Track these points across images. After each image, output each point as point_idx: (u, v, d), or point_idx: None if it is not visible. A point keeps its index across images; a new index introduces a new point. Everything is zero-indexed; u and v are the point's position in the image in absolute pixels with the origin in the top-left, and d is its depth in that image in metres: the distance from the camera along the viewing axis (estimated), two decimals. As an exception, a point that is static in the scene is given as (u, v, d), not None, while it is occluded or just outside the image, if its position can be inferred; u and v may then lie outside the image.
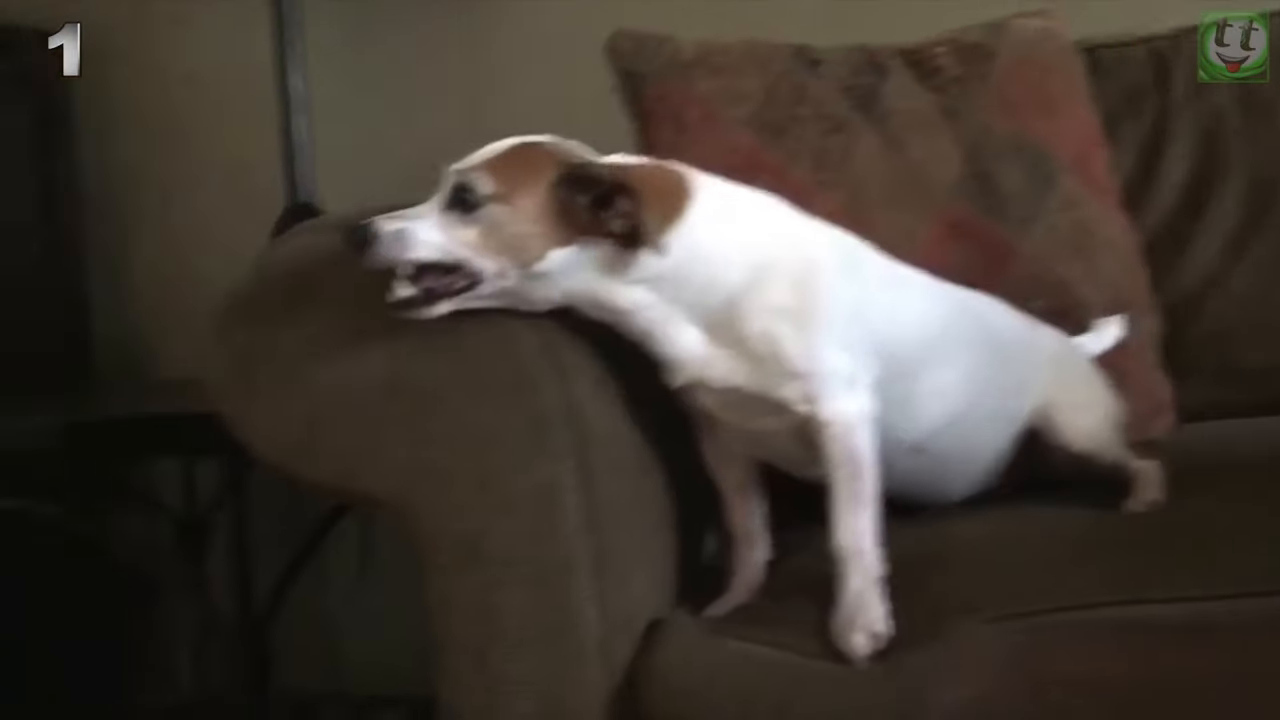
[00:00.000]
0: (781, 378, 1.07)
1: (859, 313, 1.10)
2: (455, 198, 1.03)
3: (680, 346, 1.08)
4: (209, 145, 2.26)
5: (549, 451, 1.08)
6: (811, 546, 1.20)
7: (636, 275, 1.05)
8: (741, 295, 1.07)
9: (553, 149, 1.06)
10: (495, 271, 1.03)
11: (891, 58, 1.50)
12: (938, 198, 1.44)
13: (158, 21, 2.28)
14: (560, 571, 1.08)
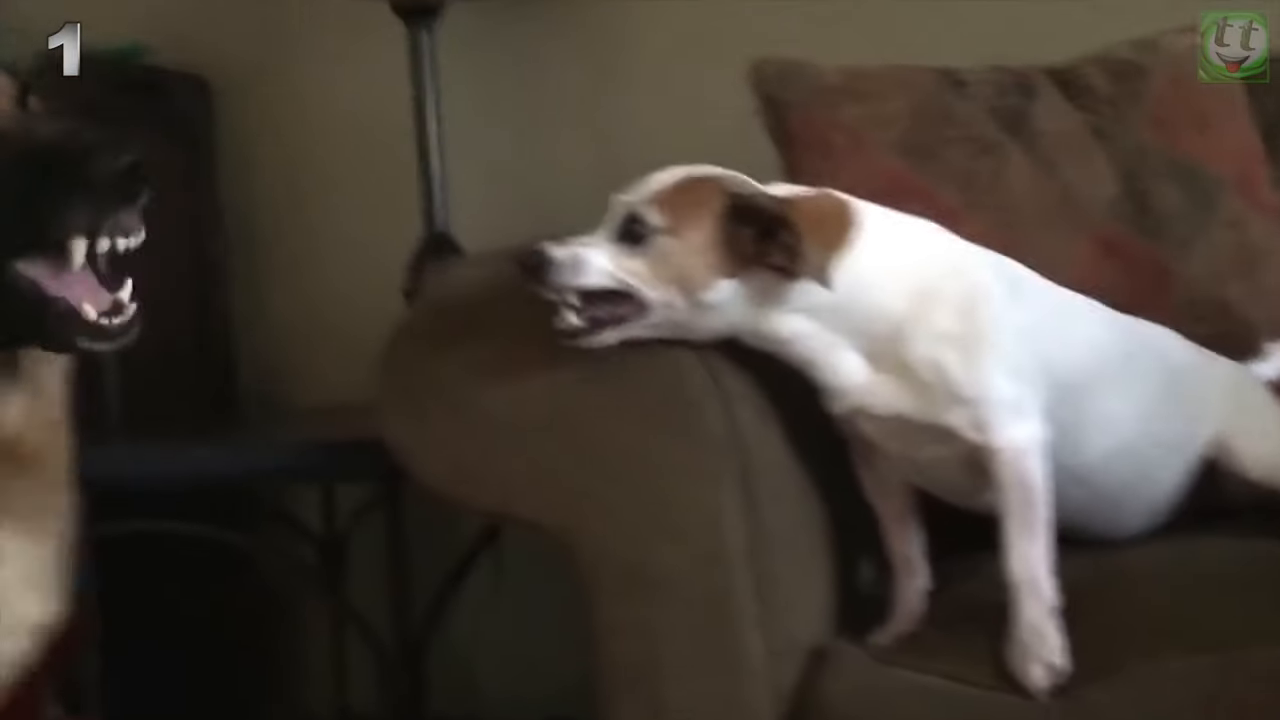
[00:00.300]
0: (948, 404, 1.07)
1: (1025, 338, 1.10)
2: (625, 228, 1.05)
3: (842, 374, 1.08)
4: (348, 178, 2.32)
5: (713, 478, 1.09)
6: (973, 575, 1.20)
7: (798, 304, 1.06)
8: (906, 322, 1.07)
9: (720, 181, 1.07)
10: (663, 302, 1.05)
11: (1039, 78, 1.48)
12: (1092, 219, 1.41)
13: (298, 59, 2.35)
14: (724, 597, 1.09)
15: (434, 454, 1.18)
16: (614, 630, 1.11)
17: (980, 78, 1.48)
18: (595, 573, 1.12)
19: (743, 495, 1.10)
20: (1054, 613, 1.03)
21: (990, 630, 1.06)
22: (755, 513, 1.10)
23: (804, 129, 1.45)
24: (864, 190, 1.36)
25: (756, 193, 1.07)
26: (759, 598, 1.09)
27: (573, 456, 1.10)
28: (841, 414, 1.12)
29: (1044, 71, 1.50)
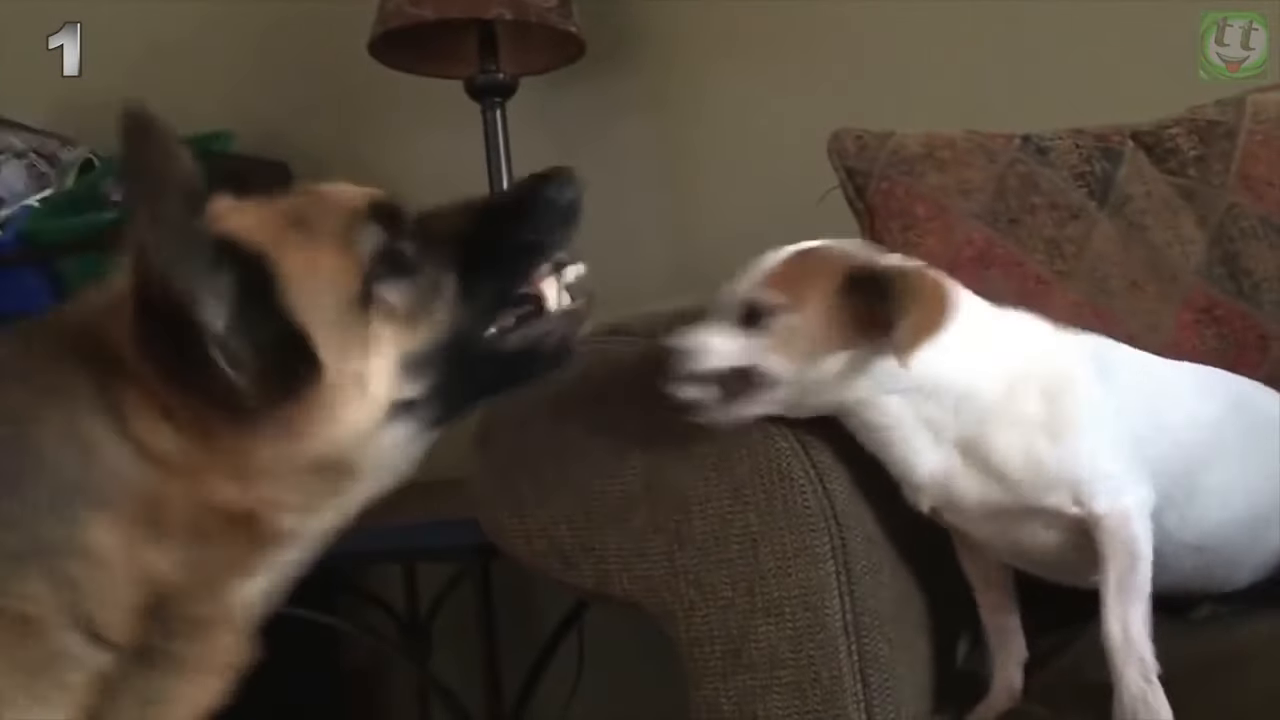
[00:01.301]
0: (1045, 489, 1.05)
1: (1119, 416, 1.09)
2: (742, 314, 1.05)
3: (925, 469, 1.08)
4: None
5: (810, 553, 1.08)
6: (1071, 649, 1.18)
7: (899, 384, 1.05)
8: (993, 410, 1.06)
9: (831, 250, 1.08)
10: (788, 375, 1.04)
11: (1123, 141, 1.47)
12: (1183, 283, 1.39)
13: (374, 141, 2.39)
14: (826, 676, 1.07)
15: (528, 534, 1.17)
16: (714, 708, 1.10)
17: (1063, 143, 1.47)
18: (694, 651, 1.11)
19: (840, 571, 1.09)
20: (1156, 680, 1.01)
21: (1092, 705, 1.04)
22: (853, 589, 1.09)
23: (885, 199, 1.44)
24: (949, 260, 1.37)
25: (871, 260, 1.07)
26: (859, 675, 1.08)
27: (668, 535, 1.10)
28: (926, 509, 1.11)
29: (1129, 134, 1.49)
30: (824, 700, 1.07)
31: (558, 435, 1.15)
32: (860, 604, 1.09)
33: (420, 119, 2.30)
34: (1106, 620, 1.03)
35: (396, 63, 2.05)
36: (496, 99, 2.02)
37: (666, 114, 2.20)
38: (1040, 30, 1.93)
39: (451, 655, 2.02)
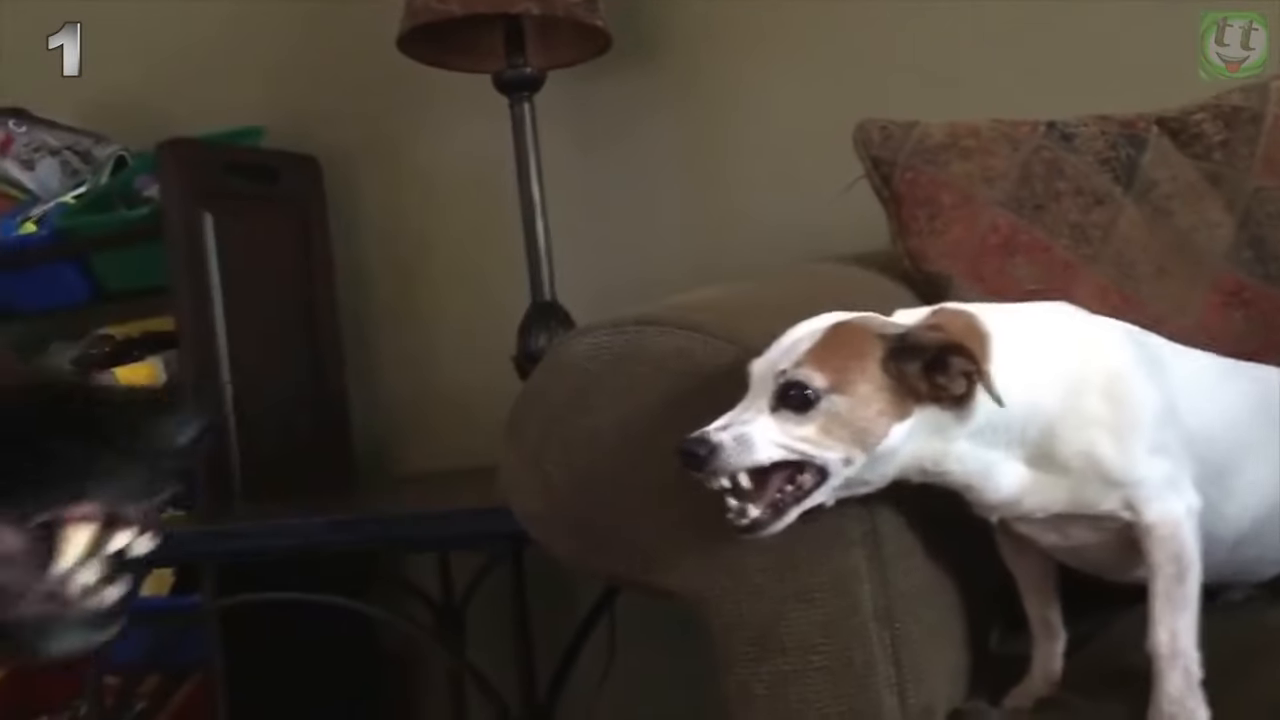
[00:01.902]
0: (1102, 492, 1.05)
1: (1169, 412, 1.08)
2: (784, 396, 1.01)
3: (1002, 488, 1.06)
4: (454, 250, 2.38)
5: (844, 539, 1.09)
6: (1108, 637, 1.19)
7: (964, 429, 1.03)
8: (1058, 419, 1.04)
9: (866, 325, 1.04)
10: (844, 460, 1.01)
11: (1148, 127, 1.48)
12: (1210, 266, 1.40)
13: (403, 136, 2.42)
14: (858, 660, 1.08)
15: (562, 524, 1.19)
16: (747, 695, 1.11)
17: (1088, 130, 1.48)
18: (726, 637, 1.11)
19: (871, 556, 1.09)
20: (1198, 686, 1.01)
21: (1131, 696, 1.04)
22: (885, 574, 1.09)
23: (912, 188, 1.45)
24: (976, 247, 1.38)
25: (909, 329, 1.03)
26: (892, 659, 1.09)
27: (701, 524, 1.10)
28: (994, 520, 1.11)
29: (1153, 120, 1.49)
30: (857, 684, 1.08)
31: (590, 425, 1.15)
32: (892, 588, 1.09)
33: (449, 113, 2.33)
34: (1154, 628, 1.03)
35: (425, 57, 2.07)
36: (524, 93, 2.04)
37: (693, 106, 2.21)
38: (1064, 20, 1.93)
39: (486, 642, 2.04)
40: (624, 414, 1.14)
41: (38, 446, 0.60)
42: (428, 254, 2.41)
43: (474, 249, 2.35)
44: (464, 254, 2.36)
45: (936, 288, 1.40)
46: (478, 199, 2.33)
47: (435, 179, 2.37)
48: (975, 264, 1.40)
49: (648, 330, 1.16)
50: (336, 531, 1.82)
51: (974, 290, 1.37)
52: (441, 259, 2.39)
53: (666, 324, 1.16)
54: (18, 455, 0.60)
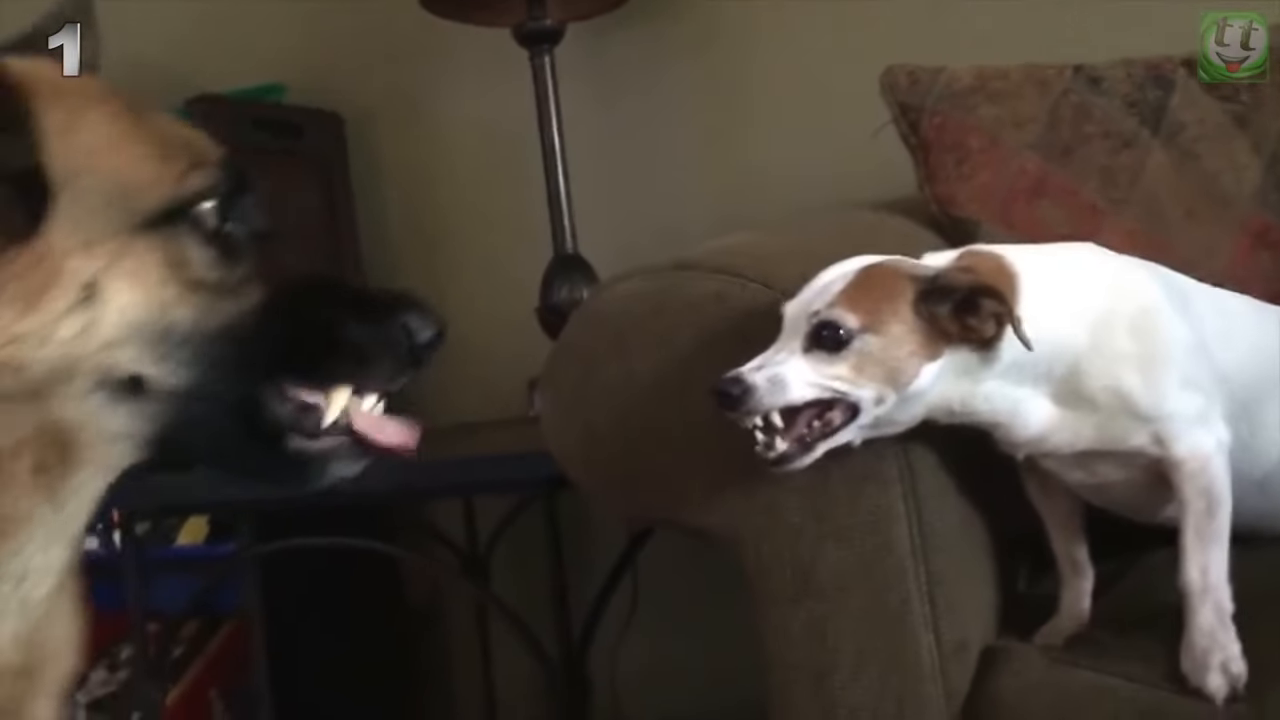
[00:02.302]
0: (1130, 427, 1.06)
1: (1198, 348, 1.09)
2: (817, 336, 1.02)
3: (1031, 426, 1.07)
4: (477, 203, 2.38)
5: (880, 479, 1.11)
6: (1138, 574, 1.21)
7: (994, 369, 1.04)
8: (1085, 356, 1.06)
9: (898, 267, 1.06)
10: (875, 399, 1.02)
11: (1174, 69, 1.48)
12: (1239, 208, 1.41)
13: (424, 90, 2.41)
14: (894, 599, 1.10)
15: (602, 467, 1.20)
16: (784, 633, 1.13)
17: (1115, 72, 1.48)
18: (764, 576, 1.13)
19: (908, 495, 1.11)
20: (1229, 620, 1.03)
21: (1162, 631, 1.06)
22: (920, 513, 1.11)
23: (939, 133, 1.46)
24: (1004, 191, 1.38)
25: (940, 271, 1.05)
26: (927, 598, 1.11)
27: (739, 463, 1.10)
28: (1021, 458, 1.12)
29: (1180, 62, 1.49)
30: (892, 621, 1.10)
31: (627, 370, 1.16)
32: (928, 528, 1.11)
33: (470, 67, 2.32)
34: (1185, 565, 1.04)
35: (446, 12, 2.07)
36: (544, 45, 2.03)
37: (714, 55, 2.20)
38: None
39: (509, 589, 2.07)
40: (662, 358, 1.15)
41: (328, 331, 0.78)
42: (449, 207, 2.41)
43: (495, 202, 2.35)
44: (485, 207, 2.36)
45: (964, 232, 1.41)
46: (499, 152, 2.32)
47: (456, 133, 2.37)
48: (1003, 208, 1.41)
49: (684, 275, 1.17)
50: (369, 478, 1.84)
51: (1002, 235, 1.38)
52: (463, 212, 2.39)
53: (703, 268, 1.17)
54: (315, 336, 0.78)
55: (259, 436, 0.79)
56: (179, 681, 2.12)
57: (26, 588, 0.76)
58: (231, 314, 0.76)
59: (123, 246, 0.73)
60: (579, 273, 2.03)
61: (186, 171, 0.76)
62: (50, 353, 0.71)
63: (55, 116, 0.73)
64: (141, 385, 0.74)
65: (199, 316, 0.75)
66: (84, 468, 0.75)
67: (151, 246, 0.74)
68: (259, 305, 0.77)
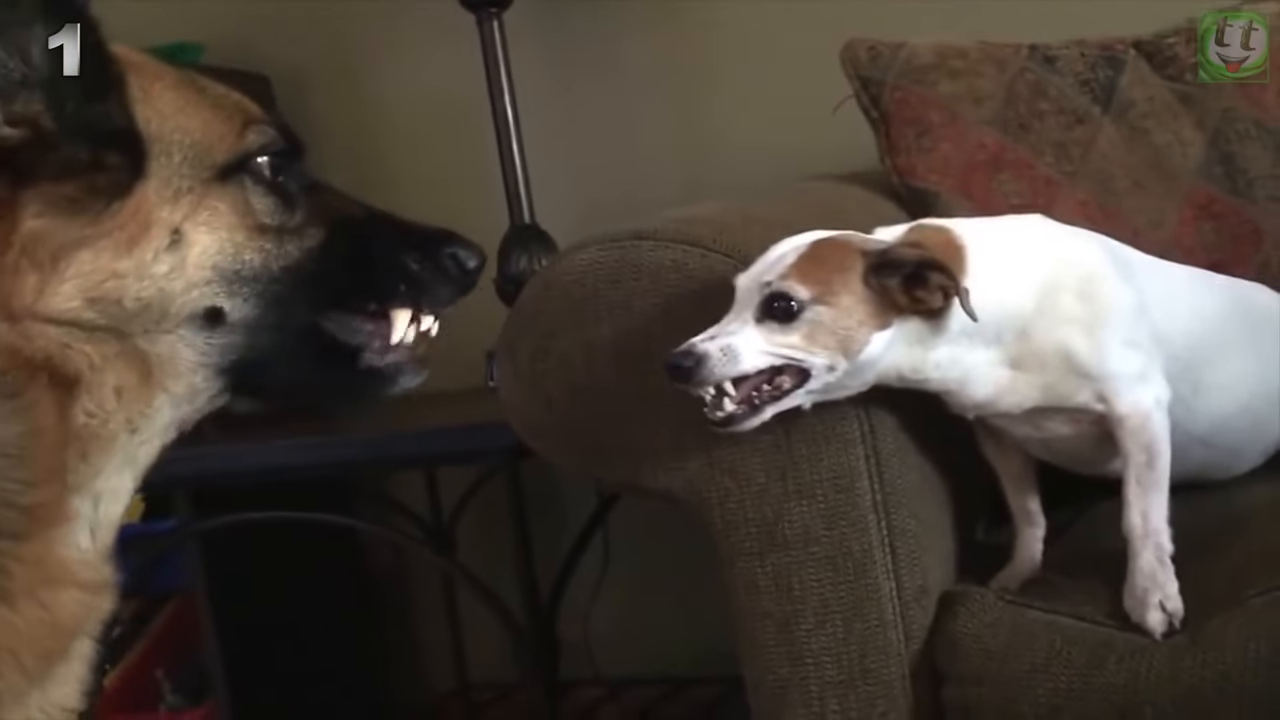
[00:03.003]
0: (1076, 386, 1.11)
1: (1140, 311, 1.14)
2: (768, 307, 1.05)
3: (981, 391, 1.12)
4: (425, 173, 2.29)
5: (842, 439, 1.14)
6: (1085, 522, 1.27)
7: (942, 338, 1.09)
8: (1031, 320, 1.10)
9: (847, 240, 1.09)
10: (826, 366, 1.05)
11: (1125, 50, 1.54)
12: (1183, 181, 1.47)
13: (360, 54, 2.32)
14: (857, 549, 1.14)
15: (564, 436, 1.22)
16: (752, 585, 1.16)
17: (1069, 52, 1.54)
18: (730, 534, 1.16)
19: (869, 455, 1.15)
20: (1169, 561, 1.09)
21: (1107, 574, 1.12)
22: (881, 470, 1.15)
23: (900, 107, 1.50)
24: (964, 164, 1.43)
25: (889, 246, 1.08)
26: (889, 548, 1.15)
27: (702, 429, 1.11)
28: (971, 417, 1.17)
29: (1130, 44, 1.55)
30: (855, 571, 1.14)
31: (585, 340, 1.18)
32: (889, 484, 1.15)
33: (414, 31, 2.23)
34: (1128, 511, 1.10)
35: (384, -32, 1.97)
36: (492, 9, 1.96)
37: (673, 22, 2.16)
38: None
39: (475, 559, 2.07)
40: (620, 327, 1.17)
41: (385, 261, 0.89)
42: (394, 180, 2.31)
43: (443, 173, 2.27)
44: (433, 178, 2.27)
45: (924, 203, 1.46)
46: (448, 120, 2.25)
47: (399, 100, 2.28)
48: (963, 180, 1.46)
49: (643, 244, 1.18)
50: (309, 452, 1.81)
51: (961, 206, 1.43)
52: (409, 185, 2.29)
53: (662, 238, 1.18)
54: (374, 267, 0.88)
55: (329, 359, 0.88)
56: (120, 661, 2.09)
57: (103, 508, 0.84)
58: (295, 253, 0.86)
59: (200, 197, 0.82)
60: (537, 242, 2.00)
61: (244, 129, 0.86)
62: (145, 288, 0.80)
63: (137, 84, 0.82)
64: (220, 317, 0.83)
65: (266, 256, 0.84)
66: (161, 394, 0.83)
67: (222, 196, 0.83)
68: (320, 244, 0.87)
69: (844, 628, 1.15)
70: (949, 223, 1.15)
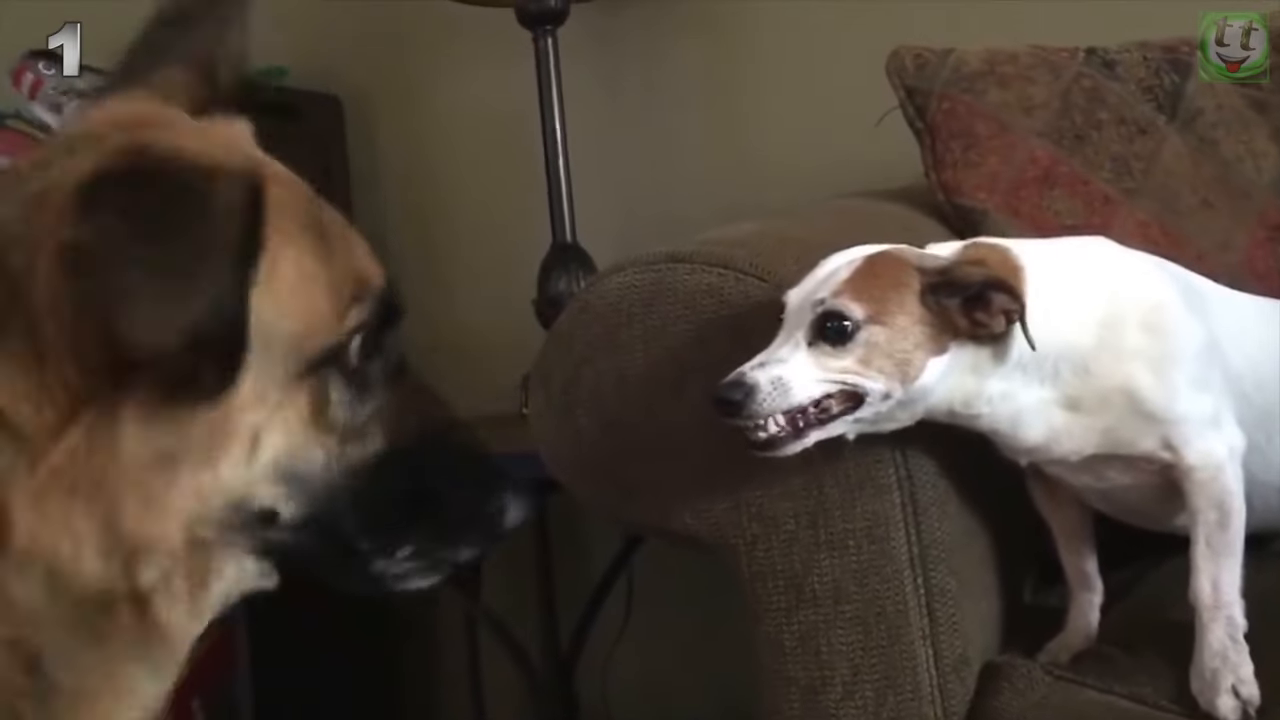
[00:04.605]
0: (1140, 430, 1.01)
1: (1211, 348, 1.05)
2: (821, 328, 0.97)
3: (1035, 430, 1.03)
4: (475, 189, 2.33)
5: (877, 485, 1.06)
6: (1148, 588, 1.17)
7: (1000, 368, 1.00)
8: (1094, 354, 1.01)
9: (903, 256, 1.01)
10: (882, 392, 0.97)
11: (1192, 52, 1.43)
12: (1256, 199, 1.36)
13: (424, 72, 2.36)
14: (891, 609, 1.06)
15: (591, 470, 1.16)
16: (777, 645, 1.09)
17: (1130, 56, 1.43)
18: (756, 587, 1.10)
19: (906, 503, 1.07)
20: (1242, 639, 0.98)
21: (1172, 649, 1.02)
22: (919, 521, 1.07)
23: (947, 118, 1.41)
24: (1013, 179, 1.33)
25: (952, 263, 1.00)
26: (925, 609, 1.07)
27: (731, 468, 1.08)
28: (1025, 464, 1.08)
29: (1196, 44, 1.44)
30: (889, 634, 1.06)
31: (618, 368, 1.12)
32: (926, 536, 1.07)
33: (473, 50, 2.28)
34: (1196, 578, 1.00)
35: (449, -7, 2.02)
36: (548, 26, 1.99)
37: (719, 36, 2.15)
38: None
39: (499, 595, 2.03)
40: (653, 355, 1.12)
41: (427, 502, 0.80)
42: (447, 193, 2.37)
43: (493, 189, 2.30)
44: (483, 194, 2.32)
45: (970, 222, 1.36)
46: (499, 137, 2.28)
47: (456, 118, 2.33)
48: (1011, 197, 1.36)
49: (678, 268, 1.13)
50: None
51: (1010, 225, 1.33)
52: (461, 200, 2.35)
53: (697, 261, 1.13)
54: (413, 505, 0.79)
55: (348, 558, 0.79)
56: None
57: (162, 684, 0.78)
58: (354, 459, 0.76)
59: (285, 396, 0.73)
60: (577, 263, 1.99)
61: (350, 304, 0.75)
62: (223, 499, 0.72)
63: (267, 257, 0.70)
64: (274, 518, 0.74)
65: (327, 459, 0.75)
66: (217, 582, 0.75)
67: (304, 391, 0.73)
68: (378, 455, 0.77)
69: (875, 699, 1.06)
70: (1006, 242, 1.06)
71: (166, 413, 0.68)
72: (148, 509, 0.69)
